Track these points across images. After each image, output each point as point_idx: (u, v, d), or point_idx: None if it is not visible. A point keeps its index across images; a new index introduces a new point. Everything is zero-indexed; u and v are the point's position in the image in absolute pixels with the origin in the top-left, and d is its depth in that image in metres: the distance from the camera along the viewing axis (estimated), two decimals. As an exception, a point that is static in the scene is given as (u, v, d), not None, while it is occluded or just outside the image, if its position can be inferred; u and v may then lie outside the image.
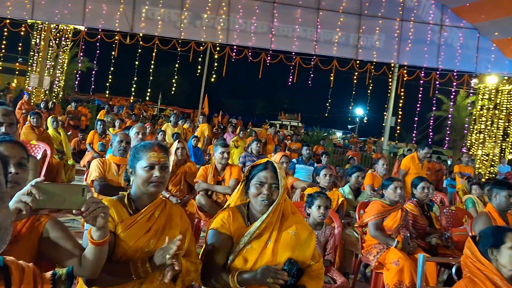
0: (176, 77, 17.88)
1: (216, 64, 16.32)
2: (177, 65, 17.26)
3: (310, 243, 2.59)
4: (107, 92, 20.49)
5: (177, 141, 5.48)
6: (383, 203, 4.80)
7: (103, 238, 1.85)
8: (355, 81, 16.63)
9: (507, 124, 17.14)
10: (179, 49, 15.71)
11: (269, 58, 15.66)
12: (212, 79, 16.86)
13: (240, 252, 2.45)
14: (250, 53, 15.60)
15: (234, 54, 15.62)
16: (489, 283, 2.64)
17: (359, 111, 31.04)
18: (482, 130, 17.16)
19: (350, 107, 23.67)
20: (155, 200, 2.40)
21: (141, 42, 15.57)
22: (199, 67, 16.62)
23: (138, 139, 5.07)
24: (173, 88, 18.79)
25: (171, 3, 15.10)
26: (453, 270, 2.89)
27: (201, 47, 15.70)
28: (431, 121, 18.74)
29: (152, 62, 16.84)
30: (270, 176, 2.49)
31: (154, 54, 16.45)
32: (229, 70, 16.29)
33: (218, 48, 15.73)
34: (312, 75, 16.43)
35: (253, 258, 2.44)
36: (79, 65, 20.28)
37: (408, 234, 4.62)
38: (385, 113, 17.55)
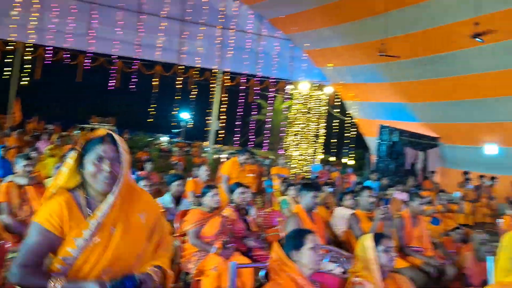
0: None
1: (29, 66, 14.96)
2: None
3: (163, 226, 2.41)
4: None
5: (-24, 154, 4.90)
6: (202, 210, 4.89)
7: None
8: (179, 86, 16.70)
9: (317, 126, 18.78)
10: (-17, 48, 14.09)
11: (89, 61, 14.90)
12: (25, 82, 15.41)
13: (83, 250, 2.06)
14: (68, 55, 14.65)
15: (49, 55, 14.54)
16: (294, 284, 2.84)
17: (184, 115, 31.30)
18: (297, 132, 18.53)
19: (175, 112, 23.82)
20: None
21: None
22: (9, 68, 15.06)
23: None
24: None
25: (-29, -2, 13.49)
26: (263, 274, 3.04)
27: (11, 47, 14.29)
28: (252, 124, 19.73)
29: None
30: (110, 149, 2.14)
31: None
32: (44, 72, 15.09)
33: (31, 49, 14.48)
34: (135, 79, 16.08)
35: (94, 257, 2.07)
36: None
37: (227, 239, 4.78)
38: (209, 117, 17.96)
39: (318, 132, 18.67)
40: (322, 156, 19.36)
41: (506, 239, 3.67)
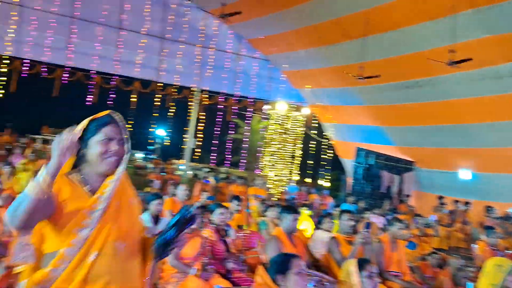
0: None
1: (4, 78, 14.69)
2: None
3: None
4: None
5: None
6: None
7: None
8: (157, 103, 16.62)
9: (294, 147, 18.87)
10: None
11: (67, 75, 14.71)
12: (-1, 94, 15.11)
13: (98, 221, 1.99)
14: (44, 69, 14.44)
15: (25, 68, 14.31)
16: (278, 309, 2.82)
17: (160, 132, 31.09)
18: (273, 152, 18.58)
19: (151, 129, 23.62)
20: None
21: None
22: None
23: None
24: None
25: None
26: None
27: (-14, 58, 14.02)
28: (229, 143, 19.70)
29: None
30: (116, 129, 2.13)
31: None
32: (20, 85, 14.83)
33: (7, 61, 14.24)
34: (113, 95, 15.92)
35: (106, 230, 2.02)
36: None
37: (207, 261, 4.72)
38: (185, 135, 17.88)
39: (294, 153, 18.76)
40: (298, 178, 19.40)
41: (487, 265, 3.72)
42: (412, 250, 7.44)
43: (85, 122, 2.13)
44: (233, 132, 19.70)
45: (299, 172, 19.46)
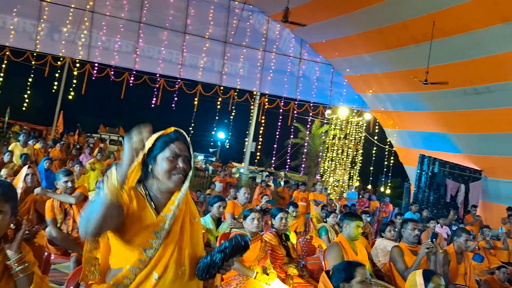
0: (29, 91, 16.49)
1: (75, 80, 15.44)
2: (30, 79, 15.97)
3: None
4: None
5: (26, 166, 5.01)
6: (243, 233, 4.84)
7: None
8: (218, 106, 16.87)
9: (355, 153, 18.60)
10: (33, 62, 14.59)
11: (132, 78, 15.25)
12: (70, 97, 15.89)
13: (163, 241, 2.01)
14: (112, 72, 15.04)
15: (95, 71, 14.96)
16: (341, 318, 2.77)
17: (220, 135, 31.53)
18: (333, 158, 18.38)
19: (213, 132, 24.05)
20: None
21: (-11, 52, 14.17)
22: (56, 82, 15.56)
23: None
24: (25, 103, 17.37)
25: (26, 13, 14.10)
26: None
27: (59, 62, 14.76)
28: (289, 148, 19.68)
29: (1, 74, 15.35)
30: (183, 147, 2.12)
31: (4, 65, 14.99)
32: (89, 87, 15.53)
33: (78, 65, 14.94)
34: (176, 98, 16.33)
35: (170, 249, 2.03)
36: None
37: (267, 265, 4.71)
38: (246, 138, 18.02)
39: (355, 158, 18.47)
40: (358, 184, 19.09)
41: None
42: (478, 262, 7.12)
43: (153, 137, 2.13)
44: (293, 136, 19.64)
45: (359, 178, 19.13)
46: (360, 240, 6.09)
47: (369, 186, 21.65)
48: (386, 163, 19.05)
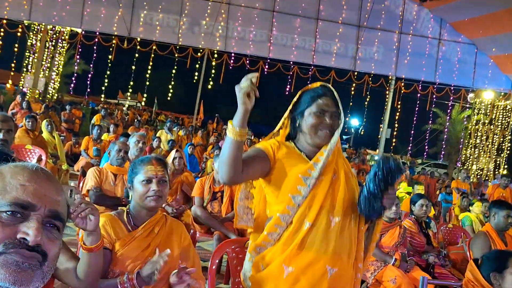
0: (172, 82, 17.77)
1: (213, 71, 16.27)
2: (174, 71, 17.20)
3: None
4: (102, 95, 20.43)
5: (174, 150, 5.40)
6: (382, 220, 4.74)
7: (95, 243, 1.80)
8: (352, 92, 16.63)
9: (502, 139, 17.18)
10: (176, 55, 15.65)
11: (267, 66, 15.62)
12: (209, 86, 16.80)
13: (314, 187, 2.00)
14: (248, 61, 15.56)
15: (232, 61, 15.59)
16: (492, 309, 2.60)
17: (354, 122, 31.04)
18: (477, 144, 17.18)
19: (347, 118, 23.70)
20: (155, 216, 2.29)
21: (138, 47, 15.47)
22: (196, 73, 16.55)
23: (137, 148, 4.97)
24: (170, 94, 18.73)
25: (170, 9, 15.11)
26: (455, 294, 2.83)
27: (199, 54, 15.63)
28: (427, 134, 18.77)
29: (149, 67, 16.73)
30: (330, 103, 2.10)
31: (151, 59, 16.30)
32: (226, 77, 16.25)
33: (216, 55, 15.70)
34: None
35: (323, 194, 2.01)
36: (75, 67, 20.11)
37: (406, 252, 4.57)
38: (381, 125, 17.54)
39: (502, 145, 17.06)
40: (506, 172, 17.61)
41: None
42: None
43: (298, 94, 2.16)
44: (432, 122, 18.68)
45: (507, 166, 17.63)
46: (510, 231, 5.64)
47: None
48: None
